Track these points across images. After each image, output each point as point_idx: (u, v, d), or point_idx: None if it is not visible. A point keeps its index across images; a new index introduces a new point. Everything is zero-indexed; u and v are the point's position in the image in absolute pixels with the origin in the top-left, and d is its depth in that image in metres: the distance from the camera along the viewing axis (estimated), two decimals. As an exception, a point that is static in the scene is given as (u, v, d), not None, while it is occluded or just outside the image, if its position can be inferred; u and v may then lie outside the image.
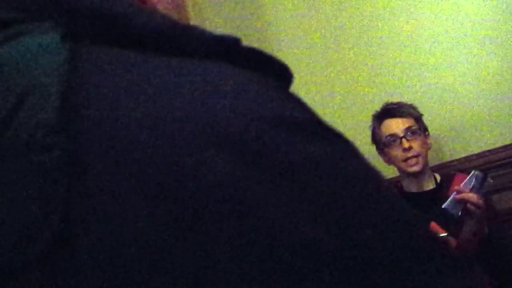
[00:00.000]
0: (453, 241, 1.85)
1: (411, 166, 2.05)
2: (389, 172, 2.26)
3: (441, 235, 1.84)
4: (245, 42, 0.38)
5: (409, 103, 2.16)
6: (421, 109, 2.25)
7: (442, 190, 2.06)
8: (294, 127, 0.34)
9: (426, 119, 2.27)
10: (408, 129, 2.07)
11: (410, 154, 2.04)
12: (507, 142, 2.29)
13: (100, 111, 0.33)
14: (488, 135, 2.33)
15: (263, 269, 0.30)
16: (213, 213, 0.30)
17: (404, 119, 2.09)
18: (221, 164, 0.31)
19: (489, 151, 2.31)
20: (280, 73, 0.39)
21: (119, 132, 0.32)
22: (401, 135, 2.06)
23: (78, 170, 0.31)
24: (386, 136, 2.10)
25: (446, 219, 1.88)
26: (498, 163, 2.28)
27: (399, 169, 2.12)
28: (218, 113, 0.33)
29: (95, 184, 0.31)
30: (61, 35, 0.35)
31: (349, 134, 0.37)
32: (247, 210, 0.30)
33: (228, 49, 0.38)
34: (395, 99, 2.22)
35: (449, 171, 2.20)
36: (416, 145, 2.05)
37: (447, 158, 2.39)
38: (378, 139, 2.15)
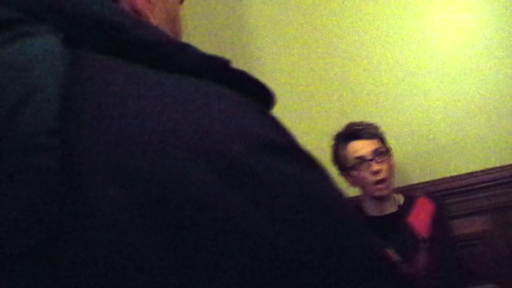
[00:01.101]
0: (406, 268, 1.86)
1: (380, 190, 2.04)
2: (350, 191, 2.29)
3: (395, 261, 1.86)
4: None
5: (372, 123, 2.14)
6: (391, 131, 2.28)
7: (402, 214, 2.06)
8: (275, 150, 0.36)
9: (396, 141, 2.30)
10: (375, 151, 2.05)
11: (379, 178, 2.03)
12: (472, 169, 2.32)
13: (95, 118, 0.34)
14: (455, 161, 2.36)
15: (239, 277, 0.32)
16: (197, 224, 0.32)
17: (371, 141, 2.07)
18: (208, 181, 0.33)
19: (453, 177, 2.34)
20: (264, 97, 0.42)
21: (113, 140, 0.34)
22: (370, 157, 2.04)
23: (73, 172, 0.33)
24: (354, 159, 2.06)
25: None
26: (462, 189, 2.31)
27: (366, 192, 2.10)
28: (207, 132, 0.35)
29: (88, 186, 0.33)
30: (60, 39, 0.36)
31: (319, 154, 0.39)
32: (228, 223, 0.33)
33: (219, 69, 0.40)
34: (366, 120, 2.23)
35: (414, 193, 2.21)
36: (384, 167, 2.04)
37: (414, 180, 2.41)
38: (343, 161, 2.11)
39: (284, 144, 0.37)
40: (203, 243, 0.32)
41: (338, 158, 2.13)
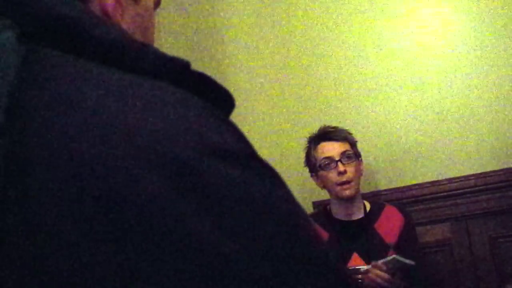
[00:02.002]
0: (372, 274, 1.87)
1: (344, 190, 2.06)
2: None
3: (362, 267, 1.86)
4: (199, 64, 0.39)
5: (346, 129, 2.19)
6: (361, 137, 2.30)
7: (370, 221, 2.09)
8: (227, 156, 0.36)
9: (366, 147, 2.33)
10: (344, 153, 2.09)
11: (344, 179, 2.06)
12: (437, 178, 2.37)
13: (45, 116, 0.34)
14: (420, 169, 2.40)
15: (182, 282, 0.32)
16: (141, 229, 0.32)
17: (341, 143, 2.11)
18: (156, 185, 0.33)
19: (419, 184, 2.38)
20: (223, 100, 0.42)
21: (63, 140, 0.33)
22: (337, 158, 2.08)
23: (19, 170, 0.32)
24: (322, 159, 2.10)
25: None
26: (426, 197, 2.36)
27: (332, 193, 2.13)
28: (158, 135, 0.34)
29: (33, 185, 0.32)
30: (17, 34, 0.35)
31: (289, 160, 0.38)
32: (172, 229, 0.32)
33: (178, 71, 0.39)
34: (337, 125, 2.25)
35: (380, 201, 2.25)
36: (350, 170, 2.07)
37: (380, 187, 2.44)
38: (313, 162, 2.15)
39: (238, 151, 0.37)
40: (147, 248, 0.32)
41: (309, 158, 2.17)
